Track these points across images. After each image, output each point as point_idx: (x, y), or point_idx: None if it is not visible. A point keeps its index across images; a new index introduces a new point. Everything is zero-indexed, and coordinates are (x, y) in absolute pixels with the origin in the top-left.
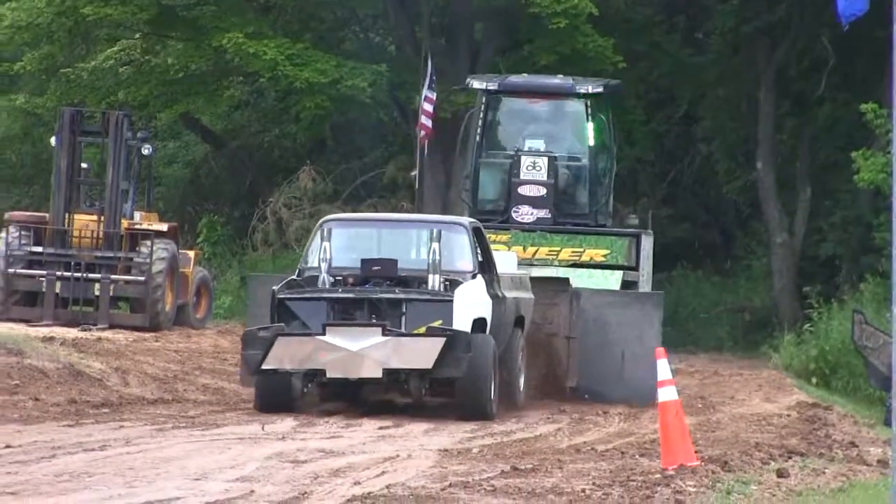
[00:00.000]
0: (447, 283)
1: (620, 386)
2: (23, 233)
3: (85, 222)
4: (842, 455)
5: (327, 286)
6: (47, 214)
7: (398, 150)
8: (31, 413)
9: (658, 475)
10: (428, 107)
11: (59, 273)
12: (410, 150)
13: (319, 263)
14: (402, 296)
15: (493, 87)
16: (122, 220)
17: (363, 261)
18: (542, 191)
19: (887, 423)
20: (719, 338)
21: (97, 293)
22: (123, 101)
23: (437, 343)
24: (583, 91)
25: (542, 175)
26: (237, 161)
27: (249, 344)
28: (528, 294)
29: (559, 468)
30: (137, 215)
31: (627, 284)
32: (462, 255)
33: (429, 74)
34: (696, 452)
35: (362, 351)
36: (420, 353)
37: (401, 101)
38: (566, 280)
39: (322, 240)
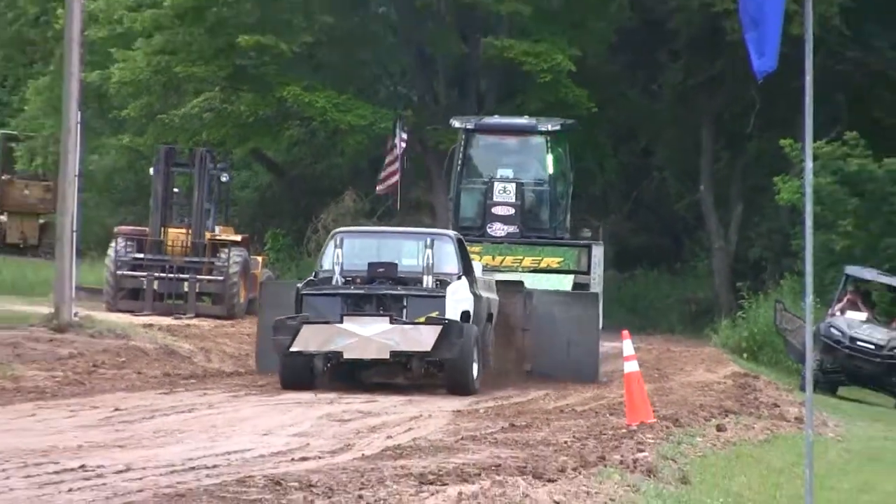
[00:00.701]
0: (438, 282)
1: (567, 368)
2: (128, 243)
3: (176, 234)
4: (767, 413)
5: (340, 284)
6: (147, 228)
7: (419, 177)
8: (134, 383)
9: (624, 430)
10: (392, 169)
11: (156, 274)
12: (428, 175)
13: (333, 267)
14: (403, 292)
15: (470, 126)
16: (206, 233)
17: (370, 264)
18: (511, 210)
19: (802, 388)
20: (671, 323)
21: (186, 290)
22: (206, 139)
23: (436, 330)
24: (543, 129)
25: (511, 198)
26: (295, 186)
27: (279, 330)
28: (495, 295)
29: (547, 425)
30: (218, 229)
31: (579, 286)
32: (449, 260)
33: (398, 140)
34: (653, 412)
35: (373, 336)
36: (421, 338)
37: (421, 138)
38: (521, 283)
39: (335, 247)
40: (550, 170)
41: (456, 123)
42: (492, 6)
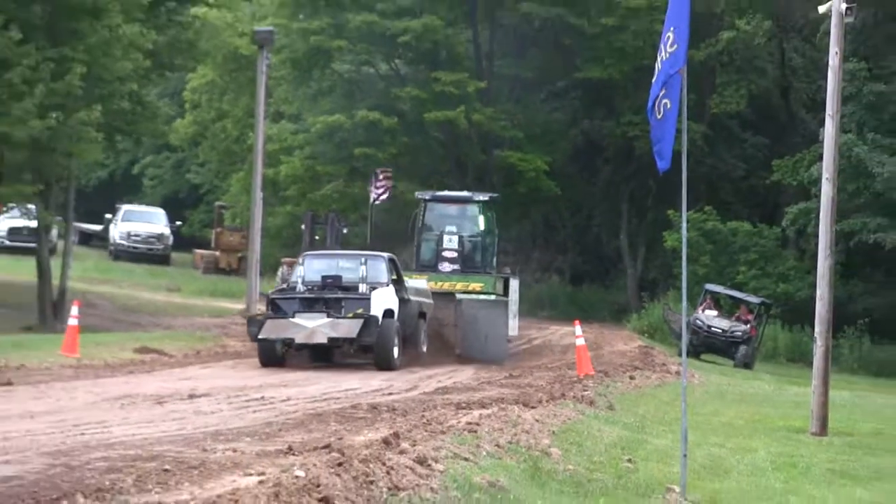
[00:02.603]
0: (371, 288)
1: (484, 352)
2: (288, 268)
3: None
4: (658, 369)
5: (301, 291)
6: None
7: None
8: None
9: (576, 379)
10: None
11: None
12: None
13: (298, 279)
14: (341, 295)
15: (427, 197)
16: None
17: (322, 276)
18: (455, 254)
19: (679, 354)
20: (603, 316)
21: None
22: (334, 209)
23: (359, 322)
24: (477, 199)
25: (455, 246)
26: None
27: (251, 324)
28: (429, 300)
29: (530, 374)
30: None
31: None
32: (381, 273)
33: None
34: (593, 368)
35: (315, 327)
36: (349, 328)
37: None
38: (453, 294)
39: (301, 265)
40: (482, 227)
41: (418, 195)
42: (501, 133)
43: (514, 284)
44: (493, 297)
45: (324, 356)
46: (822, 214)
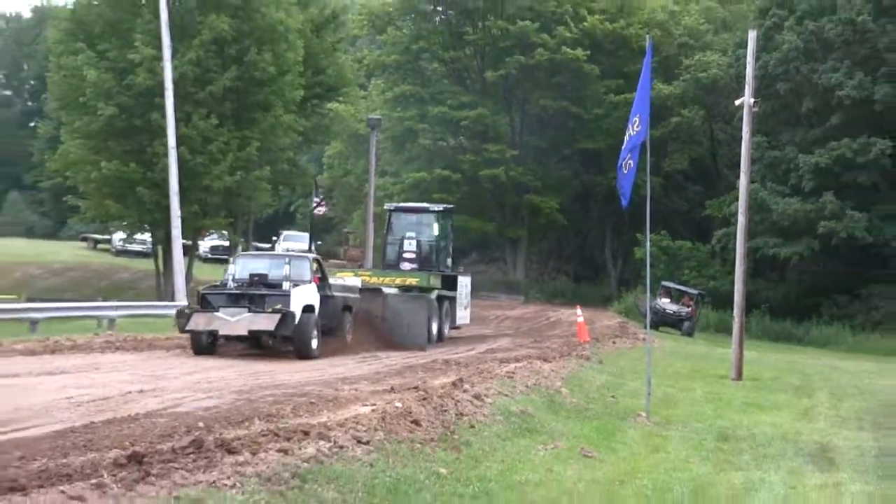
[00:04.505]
0: (294, 285)
1: (407, 339)
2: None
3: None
4: (631, 338)
5: (231, 288)
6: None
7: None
8: None
9: (578, 343)
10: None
11: None
12: None
13: (229, 276)
14: (263, 291)
15: (392, 207)
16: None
17: (250, 274)
18: (414, 255)
19: (645, 327)
20: (595, 303)
21: None
22: None
23: (276, 316)
24: (432, 209)
25: (414, 248)
26: None
27: (180, 316)
28: (356, 294)
29: (548, 340)
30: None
31: (447, 298)
32: (305, 272)
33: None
34: (589, 336)
35: (237, 320)
36: (267, 321)
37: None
38: (380, 289)
39: (233, 264)
40: (437, 232)
41: (387, 206)
42: (528, 183)
43: (465, 280)
44: (434, 293)
45: (255, 344)
46: (738, 236)
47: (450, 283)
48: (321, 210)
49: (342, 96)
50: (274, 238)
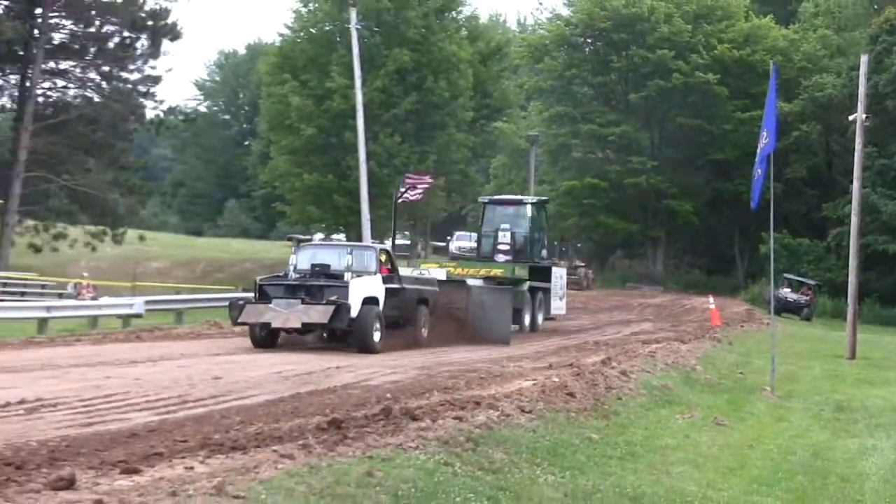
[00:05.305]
0: (357, 276)
1: (491, 334)
2: None
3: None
4: (757, 322)
5: (293, 278)
6: None
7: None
8: None
9: (710, 326)
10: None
11: None
12: None
13: (290, 267)
14: (321, 283)
15: (486, 200)
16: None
17: (311, 264)
18: (508, 247)
19: (769, 313)
20: (725, 293)
21: None
22: (570, 234)
23: (330, 308)
24: (527, 201)
25: (508, 240)
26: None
27: (232, 308)
28: (433, 287)
29: (684, 324)
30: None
31: (535, 289)
32: (369, 263)
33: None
34: (720, 321)
35: (290, 312)
36: (321, 314)
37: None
38: (464, 281)
39: (294, 254)
40: (531, 224)
41: (480, 199)
42: (666, 190)
43: (559, 272)
44: (527, 284)
45: (341, 338)
46: (852, 234)
47: (543, 274)
48: (408, 199)
49: (506, 117)
50: (448, 238)
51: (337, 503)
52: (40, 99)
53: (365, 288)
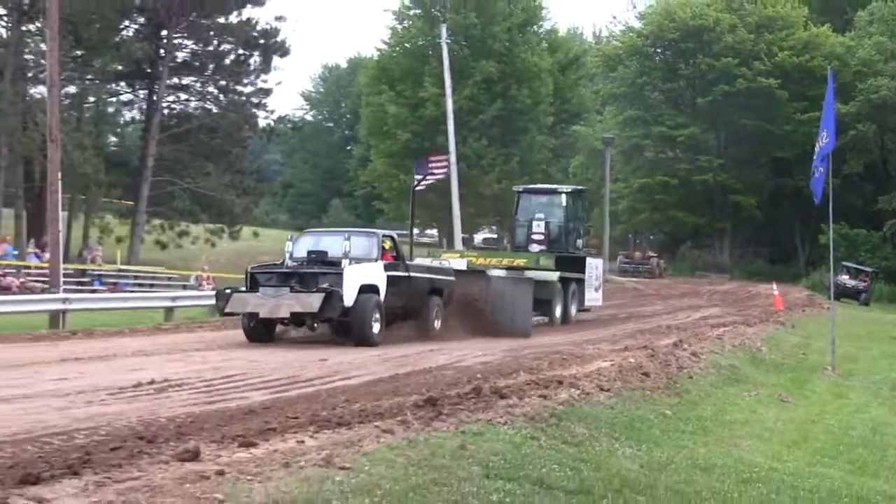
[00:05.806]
0: (353, 262)
1: (511, 326)
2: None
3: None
4: (818, 307)
5: (287, 266)
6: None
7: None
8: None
9: (774, 311)
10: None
11: None
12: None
13: (287, 254)
14: (315, 270)
15: (520, 189)
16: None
17: (308, 251)
18: (543, 237)
19: (829, 298)
20: (787, 280)
21: None
22: (641, 228)
23: (320, 296)
24: (562, 190)
25: (542, 230)
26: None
27: (219, 297)
28: (448, 277)
29: (749, 309)
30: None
31: (573, 280)
32: (369, 250)
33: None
34: (783, 306)
35: (278, 301)
36: (310, 302)
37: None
38: (484, 271)
39: (291, 242)
40: (565, 214)
41: (514, 188)
42: (731, 185)
43: (595, 262)
44: (556, 274)
45: (344, 331)
46: None
47: (577, 264)
48: (427, 182)
49: (583, 121)
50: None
51: (433, 473)
52: (165, 111)
53: (362, 275)
